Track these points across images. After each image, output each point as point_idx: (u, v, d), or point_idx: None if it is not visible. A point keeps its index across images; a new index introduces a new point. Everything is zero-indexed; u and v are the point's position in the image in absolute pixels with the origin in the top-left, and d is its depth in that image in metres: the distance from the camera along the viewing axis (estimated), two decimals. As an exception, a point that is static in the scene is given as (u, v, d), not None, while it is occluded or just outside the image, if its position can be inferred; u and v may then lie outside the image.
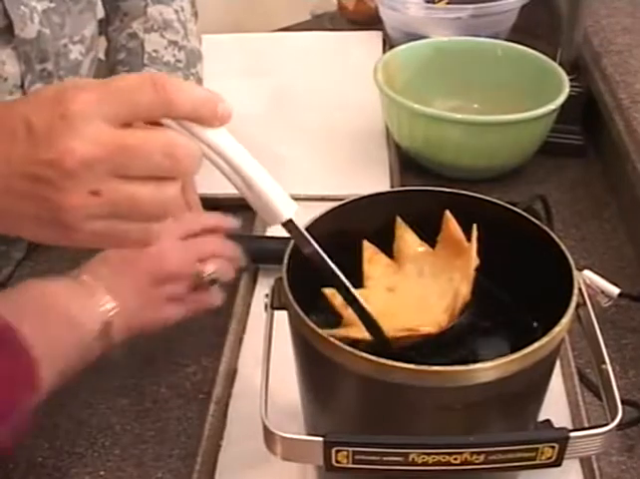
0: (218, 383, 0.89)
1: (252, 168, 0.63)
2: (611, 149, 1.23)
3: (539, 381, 0.69)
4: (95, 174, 0.59)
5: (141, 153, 0.60)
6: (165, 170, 0.61)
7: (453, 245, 0.75)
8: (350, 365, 0.62)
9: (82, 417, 0.89)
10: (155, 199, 0.61)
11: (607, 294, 0.92)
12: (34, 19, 0.98)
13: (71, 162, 0.58)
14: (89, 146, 0.58)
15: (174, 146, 0.60)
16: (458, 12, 1.45)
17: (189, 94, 0.60)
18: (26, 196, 0.61)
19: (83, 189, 0.59)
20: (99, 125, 0.58)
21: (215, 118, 0.61)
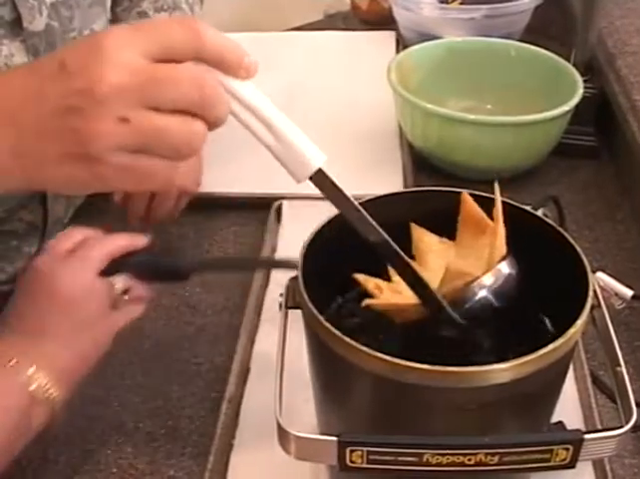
0: (231, 382, 0.90)
1: (281, 118, 0.63)
2: (624, 150, 1.22)
3: (554, 383, 0.69)
4: (125, 101, 0.59)
5: (171, 84, 0.60)
6: (194, 103, 0.61)
7: (475, 226, 0.74)
8: (364, 365, 0.62)
9: (94, 414, 0.89)
10: (182, 131, 0.61)
11: (620, 296, 0.92)
12: (42, 12, 0.98)
13: (102, 88, 0.59)
14: (121, 73, 0.59)
15: (204, 79, 0.61)
16: (471, 12, 1.45)
17: (217, 38, 0.61)
18: (56, 132, 0.61)
19: (112, 115, 0.60)
20: (132, 55, 0.59)
21: (241, 67, 0.62)
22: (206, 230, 1.15)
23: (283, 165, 0.64)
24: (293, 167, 0.64)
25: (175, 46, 0.61)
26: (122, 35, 0.60)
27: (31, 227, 1.10)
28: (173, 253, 0.83)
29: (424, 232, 0.78)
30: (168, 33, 0.61)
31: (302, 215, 1.12)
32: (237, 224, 1.16)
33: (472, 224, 0.75)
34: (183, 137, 0.62)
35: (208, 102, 0.61)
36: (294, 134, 0.63)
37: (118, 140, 0.60)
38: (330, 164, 1.17)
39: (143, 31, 0.61)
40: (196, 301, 1.03)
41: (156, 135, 0.61)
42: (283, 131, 0.63)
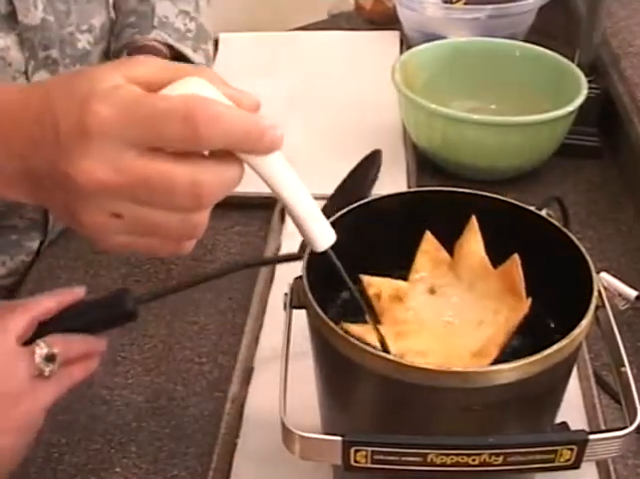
0: (235, 382, 0.90)
1: (293, 197, 0.62)
2: (628, 150, 1.22)
3: (558, 383, 0.69)
4: (114, 199, 0.58)
5: (162, 189, 0.57)
6: (189, 207, 0.59)
7: (510, 284, 0.74)
8: (369, 365, 0.62)
9: (98, 413, 0.89)
10: (181, 226, 0.60)
11: (624, 297, 0.92)
12: (38, 6, 0.98)
13: (87, 184, 0.57)
14: (108, 171, 0.56)
15: (199, 186, 0.57)
16: (475, 12, 1.45)
17: (226, 127, 0.57)
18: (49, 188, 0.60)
19: (103, 210, 0.59)
20: (121, 148, 0.56)
21: (259, 147, 0.59)
22: (210, 229, 1.12)
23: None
24: (304, 238, 0.65)
25: (169, 140, 0.57)
26: (110, 123, 0.56)
27: (32, 222, 1.10)
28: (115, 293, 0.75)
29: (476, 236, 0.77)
30: (163, 125, 0.56)
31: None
32: (241, 223, 1.16)
33: (508, 281, 0.74)
34: (183, 229, 0.61)
35: (206, 202, 0.59)
36: (304, 214, 0.63)
37: (111, 229, 0.60)
38: (334, 163, 1.18)
39: (135, 117, 0.56)
40: (200, 301, 1.03)
41: (152, 229, 0.60)
42: (293, 210, 0.63)
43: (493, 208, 0.76)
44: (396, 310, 0.75)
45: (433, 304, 0.76)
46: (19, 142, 0.60)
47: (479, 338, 0.71)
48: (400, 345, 0.70)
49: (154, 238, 0.61)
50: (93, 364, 0.74)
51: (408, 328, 0.73)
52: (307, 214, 0.63)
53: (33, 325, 0.71)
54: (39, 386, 0.69)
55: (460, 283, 0.77)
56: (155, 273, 1.07)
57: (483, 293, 0.75)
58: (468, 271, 0.76)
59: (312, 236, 0.64)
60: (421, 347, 0.71)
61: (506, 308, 0.73)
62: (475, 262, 0.76)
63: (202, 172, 0.58)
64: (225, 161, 0.59)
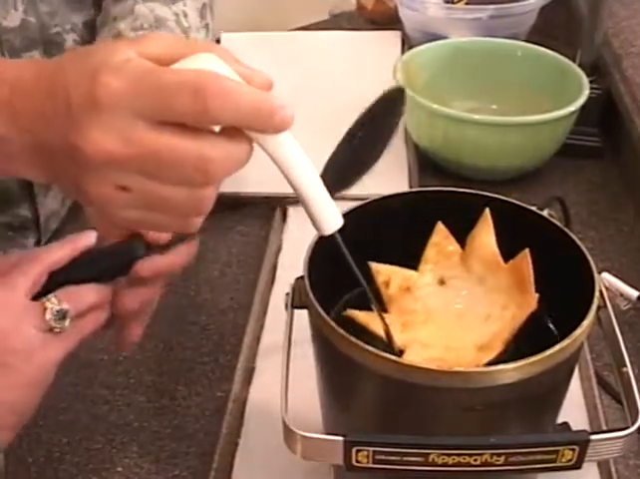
0: (236, 381, 0.90)
1: (301, 179, 0.62)
2: (630, 151, 1.22)
3: (560, 383, 0.69)
4: (122, 171, 0.58)
5: (171, 163, 0.58)
6: (197, 182, 0.59)
7: (519, 279, 0.73)
8: (371, 365, 0.62)
9: (100, 413, 0.89)
10: (188, 201, 0.60)
11: (626, 297, 0.92)
12: (18, 7, 0.97)
13: (95, 154, 0.57)
14: (116, 142, 0.57)
15: (208, 161, 0.58)
16: (477, 13, 1.45)
17: (235, 103, 0.56)
18: (59, 162, 0.60)
19: (110, 182, 0.59)
20: (130, 120, 0.56)
21: (269, 126, 0.59)
22: (212, 229, 1.15)
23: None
24: (312, 222, 0.65)
25: (178, 114, 0.56)
26: (120, 94, 0.56)
27: (25, 220, 1.10)
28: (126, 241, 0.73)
29: (490, 229, 0.76)
30: (173, 99, 0.56)
31: (307, 215, 1.12)
32: (243, 223, 1.16)
33: (518, 276, 0.73)
34: (191, 205, 0.61)
35: (214, 178, 0.59)
36: (312, 197, 0.63)
37: (119, 203, 0.60)
38: (335, 163, 1.17)
39: (145, 90, 0.56)
40: (202, 301, 1.03)
41: (160, 203, 0.60)
42: (301, 192, 0.63)
43: (495, 208, 0.76)
44: (404, 300, 0.75)
45: (441, 296, 0.76)
46: (30, 116, 0.60)
47: (485, 333, 0.71)
48: (405, 336, 0.71)
49: (161, 213, 0.61)
50: (103, 315, 0.71)
51: (414, 319, 0.73)
52: (315, 196, 0.63)
53: (43, 277, 0.69)
54: (49, 342, 0.67)
55: (470, 276, 0.76)
56: (156, 273, 1.07)
57: (493, 288, 0.75)
58: (478, 265, 0.76)
59: (319, 218, 0.64)
60: (425, 339, 0.71)
61: (514, 304, 0.72)
62: (486, 256, 0.76)
63: (211, 147, 0.58)
64: (235, 138, 0.59)
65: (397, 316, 0.73)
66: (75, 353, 0.94)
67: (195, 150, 0.57)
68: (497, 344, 0.69)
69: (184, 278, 1.06)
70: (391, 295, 0.75)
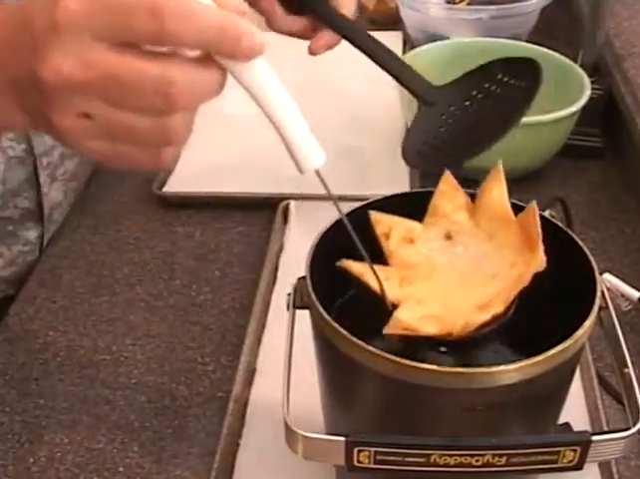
0: (237, 382, 0.90)
1: (277, 111, 0.59)
2: (631, 151, 1.22)
3: (561, 384, 0.69)
4: (82, 97, 0.56)
5: (131, 86, 0.55)
6: (159, 108, 0.56)
7: (527, 236, 0.70)
8: (372, 366, 0.62)
9: (101, 413, 0.89)
10: (153, 130, 0.57)
11: (627, 298, 0.92)
12: None
13: (55, 80, 0.55)
14: (75, 66, 0.55)
15: (169, 84, 0.55)
16: (478, 13, 1.45)
17: (196, 24, 0.54)
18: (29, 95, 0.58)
19: (72, 110, 0.57)
20: (89, 42, 0.54)
21: (237, 51, 0.56)
22: (213, 229, 1.15)
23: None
24: (293, 161, 0.62)
25: (137, 35, 0.54)
26: (78, 13, 0.54)
27: (27, 212, 1.10)
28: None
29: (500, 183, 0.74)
30: (131, 19, 0.53)
31: (309, 215, 1.12)
32: (244, 223, 1.16)
33: (526, 232, 0.70)
34: (157, 134, 0.58)
35: (177, 104, 0.56)
36: (292, 131, 0.61)
37: (83, 133, 0.58)
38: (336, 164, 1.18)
39: (103, 10, 0.54)
40: (203, 301, 1.03)
41: (124, 132, 0.57)
42: (281, 127, 0.60)
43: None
44: (405, 253, 0.71)
45: (447, 251, 0.72)
46: (2, 52, 0.59)
47: (488, 292, 0.67)
48: (401, 291, 0.68)
49: (127, 144, 0.58)
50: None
51: (415, 273, 0.70)
52: (293, 130, 0.60)
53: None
54: None
55: (478, 232, 0.72)
56: (158, 273, 1.08)
57: (502, 244, 0.71)
58: (488, 220, 0.72)
59: (298, 154, 0.61)
60: (423, 296, 0.68)
61: (523, 262, 0.68)
62: (496, 210, 0.72)
63: (175, 70, 0.55)
64: (204, 64, 0.57)
65: (397, 270, 0.70)
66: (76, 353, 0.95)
67: (157, 72, 0.55)
68: (498, 304, 0.65)
69: (186, 279, 1.06)
70: (391, 248, 0.71)
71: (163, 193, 1.21)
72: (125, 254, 1.11)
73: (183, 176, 1.24)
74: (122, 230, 1.16)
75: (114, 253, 1.11)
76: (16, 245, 1.12)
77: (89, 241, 1.14)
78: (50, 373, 0.94)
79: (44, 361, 0.95)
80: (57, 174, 1.12)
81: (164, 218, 1.18)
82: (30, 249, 1.13)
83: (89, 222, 1.17)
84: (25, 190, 1.08)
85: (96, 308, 1.03)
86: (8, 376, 0.93)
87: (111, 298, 1.04)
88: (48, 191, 1.11)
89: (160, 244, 1.13)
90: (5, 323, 1.01)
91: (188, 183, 1.23)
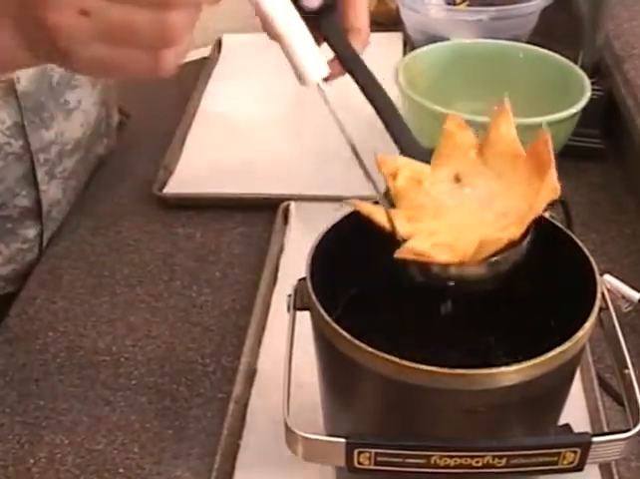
0: (238, 383, 0.90)
1: (282, 25, 0.61)
2: (631, 152, 1.22)
3: (562, 385, 0.69)
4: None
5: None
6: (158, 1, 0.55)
7: (539, 165, 0.68)
8: (373, 367, 0.62)
9: (101, 414, 0.89)
10: (152, 25, 0.55)
11: (627, 299, 0.92)
12: None
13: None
14: None
15: None
16: (479, 14, 1.45)
17: None
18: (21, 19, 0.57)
19: (70, 6, 0.55)
20: None
21: None
22: (213, 230, 1.16)
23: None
24: (295, 73, 0.65)
25: None
26: None
27: (26, 210, 1.10)
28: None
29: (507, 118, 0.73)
30: None
31: (309, 216, 1.12)
32: (244, 224, 1.16)
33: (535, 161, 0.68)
34: (156, 31, 0.56)
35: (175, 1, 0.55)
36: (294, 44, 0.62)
37: (82, 34, 0.56)
38: (336, 165, 1.18)
39: None
40: (203, 302, 1.03)
41: (122, 28, 0.56)
42: (284, 39, 0.62)
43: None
44: (413, 194, 0.69)
45: (456, 193, 0.69)
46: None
47: (499, 228, 0.65)
48: (410, 227, 0.66)
49: (127, 46, 0.57)
50: None
51: (423, 213, 0.68)
52: (296, 45, 0.62)
53: None
54: None
55: (487, 170, 0.70)
56: (158, 274, 1.08)
57: (512, 182, 0.68)
58: (497, 157, 0.70)
59: (303, 68, 0.64)
60: (433, 229, 0.66)
61: (534, 193, 0.65)
62: (505, 147, 0.70)
63: None
64: None
65: (404, 211, 0.68)
66: (76, 354, 0.95)
67: None
68: (513, 229, 0.63)
69: (186, 280, 1.07)
70: (398, 189, 0.69)
71: (164, 194, 1.21)
72: (125, 255, 1.11)
73: (184, 177, 1.24)
74: (122, 230, 1.16)
75: (114, 254, 1.12)
76: (15, 243, 1.12)
77: (89, 242, 1.14)
78: (50, 374, 0.94)
79: (44, 362, 0.95)
80: (55, 171, 1.12)
81: (165, 219, 1.18)
82: (29, 247, 1.13)
83: (89, 222, 1.17)
84: (23, 187, 1.08)
85: (96, 309, 1.03)
86: (8, 377, 0.94)
87: (111, 299, 1.04)
88: (47, 188, 1.11)
89: (161, 245, 1.13)
90: (5, 324, 1.01)
91: (189, 184, 1.23)
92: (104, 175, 1.27)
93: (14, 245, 1.11)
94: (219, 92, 1.47)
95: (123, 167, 1.30)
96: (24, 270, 1.12)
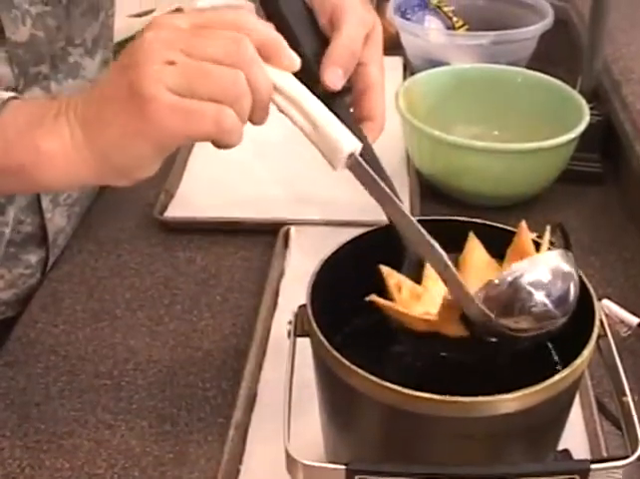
0: (238, 408, 0.90)
1: (314, 105, 0.67)
2: (630, 177, 1.23)
3: (560, 412, 0.69)
4: (170, 48, 0.66)
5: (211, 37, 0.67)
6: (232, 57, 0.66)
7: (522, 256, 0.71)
8: (373, 394, 0.62)
9: (102, 438, 0.89)
10: (225, 74, 0.66)
11: (626, 324, 0.92)
12: (26, 22, 0.98)
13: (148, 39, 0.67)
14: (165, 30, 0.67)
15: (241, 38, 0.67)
16: (478, 39, 1.46)
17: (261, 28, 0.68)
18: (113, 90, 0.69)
19: (159, 59, 0.66)
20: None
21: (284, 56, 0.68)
22: (214, 254, 1.16)
23: (319, 150, 0.69)
24: (327, 151, 0.68)
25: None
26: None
27: (29, 236, 1.11)
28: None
29: (478, 245, 0.76)
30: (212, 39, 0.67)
31: (309, 240, 1.13)
32: (245, 248, 1.17)
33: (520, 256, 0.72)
34: (227, 78, 0.66)
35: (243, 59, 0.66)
36: (326, 119, 0.67)
37: (166, 78, 0.65)
38: (338, 189, 1.19)
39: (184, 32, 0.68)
40: (204, 326, 1.03)
41: (200, 75, 0.66)
42: (316, 116, 0.67)
43: (494, 235, 0.76)
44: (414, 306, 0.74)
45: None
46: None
47: None
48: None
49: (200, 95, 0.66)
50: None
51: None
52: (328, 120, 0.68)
53: None
54: None
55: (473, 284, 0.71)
56: (159, 298, 1.08)
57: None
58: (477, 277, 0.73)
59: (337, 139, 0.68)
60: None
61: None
62: (482, 267, 0.75)
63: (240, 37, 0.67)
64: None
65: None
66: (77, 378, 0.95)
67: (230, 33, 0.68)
68: None
69: (187, 304, 1.07)
70: (404, 301, 0.74)
71: (165, 218, 1.21)
72: (126, 279, 1.11)
73: (185, 201, 1.25)
74: (123, 254, 1.16)
75: (115, 278, 1.12)
76: (17, 268, 1.12)
77: (90, 266, 1.14)
78: (51, 398, 0.94)
79: (45, 386, 0.95)
80: (59, 199, 1.13)
81: (166, 242, 1.18)
82: (31, 273, 1.14)
83: (90, 246, 1.18)
84: (28, 215, 1.09)
85: (97, 333, 1.03)
86: (9, 401, 0.94)
87: (112, 323, 1.04)
88: (51, 216, 1.12)
89: (162, 269, 1.13)
90: (6, 348, 1.01)
91: (190, 208, 1.23)
92: (105, 198, 1.28)
93: (16, 271, 1.12)
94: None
95: (124, 190, 1.29)
96: (25, 295, 1.12)
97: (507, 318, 0.65)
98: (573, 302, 0.66)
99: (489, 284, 0.65)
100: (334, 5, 0.81)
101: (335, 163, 0.68)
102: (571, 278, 0.66)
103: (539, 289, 0.64)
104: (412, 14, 1.58)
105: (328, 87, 0.76)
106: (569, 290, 0.66)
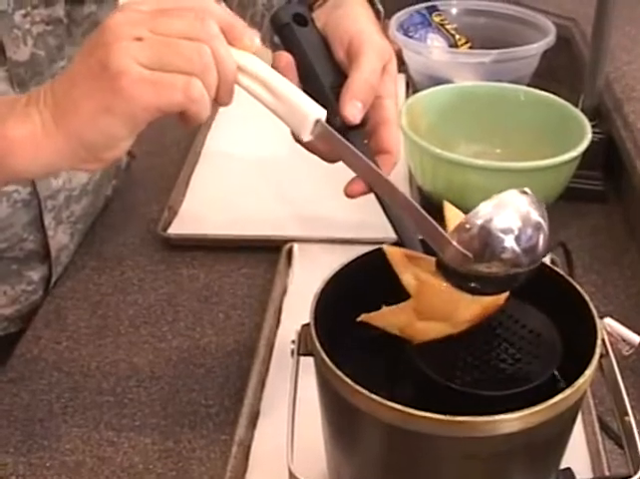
0: (241, 425, 0.90)
1: (277, 80, 0.69)
2: (632, 195, 1.23)
3: (563, 431, 0.69)
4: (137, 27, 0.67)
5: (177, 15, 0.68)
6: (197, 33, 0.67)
7: None
8: (376, 414, 0.62)
9: (105, 455, 0.89)
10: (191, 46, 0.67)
11: (628, 342, 0.92)
12: (27, 42, 0.99)
13: (115, 20, 0.68)
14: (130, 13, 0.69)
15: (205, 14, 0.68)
16: (481, 57, 1.47)
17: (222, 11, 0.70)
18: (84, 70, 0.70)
19: (127, 36, 0.67)
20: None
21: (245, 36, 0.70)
22: (217, 271, 1.16)
23: (287, 123, 0.71)
24: (295, 121, 0.70)
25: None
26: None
27: (32, 252, 1.11)
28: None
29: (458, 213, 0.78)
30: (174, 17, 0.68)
31: (313, 257, 1.13)
32: (248, 266, 1.17)
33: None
34: (193, 50, 0.67)
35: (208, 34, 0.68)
36: (291, 90, 0.69)
37: (134, 53, 0.66)
38: (339, 206, 1.19)
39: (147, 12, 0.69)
40: (206, 343, 1.04)
41: (168, 48, 0.67)
42: (281, 89, 0.69)
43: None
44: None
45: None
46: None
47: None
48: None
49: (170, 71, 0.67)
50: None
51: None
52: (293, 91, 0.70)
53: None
54: None
55: None
56: (162, 315, 1.08)
57: None
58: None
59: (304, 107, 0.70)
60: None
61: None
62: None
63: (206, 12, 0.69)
64: None
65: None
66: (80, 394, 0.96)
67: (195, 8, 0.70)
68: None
69: (190, 321, 1.07)
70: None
71: (168, 234, 1.21)
72: (129, 296, 1.12)
73: (188, 217, 1.25)
74: (126, 271, 1.17)
75: (118, 295, 1.12)
76: (20, 285, 1.13)
77: (94, 283, 1.15)
78: (54, 414, 0.94)
79: (48, 402, 0.96)
80: (62, 216, 1.13)
81: (169, 259, 1.19)
82: (33, 289, 1.14)
83: (94, 263, 1.18)
84: (30, 232, 1.09)
85: (100, 350, 1.03)
86: (12, 417, 0.94)
87: (115, 340, 1.05)
88: (54, 234, 1.12)
89: (165, 286, 1.14)
90: (10, 364, 1.01)
91: (193, 225, 1.24)
92: (108, 215, 1.28)
93: (19, 287, 1.12)
94: (224, 133, 1.48)
95: (127, 207, 1.31)
96: (27, 311, 1.13)
97: (479, 264, 0.65)
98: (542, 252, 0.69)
99: (460, 227, 0.67)
100: (351, 36, 0.81)
101: (302, 131, 0.70)
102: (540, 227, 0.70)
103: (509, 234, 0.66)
104: (414, 32, 1.58)
105: (348, 120, 0.77)
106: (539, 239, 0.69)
